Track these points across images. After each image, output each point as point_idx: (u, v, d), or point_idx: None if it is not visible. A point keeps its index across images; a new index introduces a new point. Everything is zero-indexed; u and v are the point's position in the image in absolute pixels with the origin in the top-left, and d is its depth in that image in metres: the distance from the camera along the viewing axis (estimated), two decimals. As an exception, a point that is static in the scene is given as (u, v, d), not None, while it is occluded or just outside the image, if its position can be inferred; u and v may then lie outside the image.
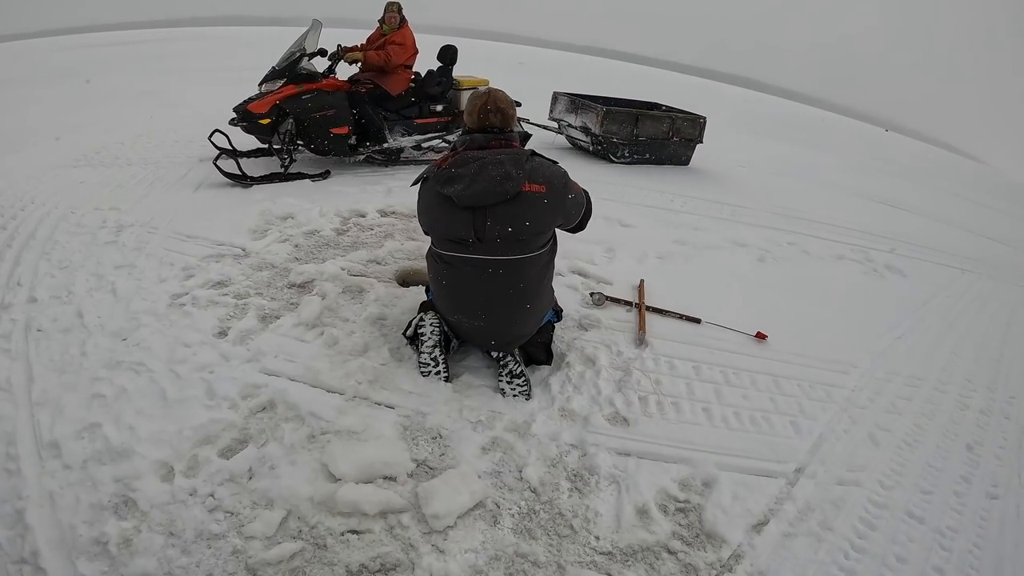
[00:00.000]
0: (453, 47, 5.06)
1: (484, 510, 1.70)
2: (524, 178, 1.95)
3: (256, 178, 4.16)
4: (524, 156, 2.00)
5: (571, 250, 3.47)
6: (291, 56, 4.20)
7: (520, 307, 2.15)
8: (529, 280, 2.12)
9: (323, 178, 4.44)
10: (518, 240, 2.01)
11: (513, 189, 1.93)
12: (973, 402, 2.70)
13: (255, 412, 1.96)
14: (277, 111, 4.12)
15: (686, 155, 6.83)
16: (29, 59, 11.51)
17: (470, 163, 1.97)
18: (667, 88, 16.10)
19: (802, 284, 3.73)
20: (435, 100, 5.01)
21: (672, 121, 6.49)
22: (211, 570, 1.44)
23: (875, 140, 17.26)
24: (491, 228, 1.97)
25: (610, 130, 6.11)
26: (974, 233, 6.48)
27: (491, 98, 2.06)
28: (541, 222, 2.03)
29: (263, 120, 4.07)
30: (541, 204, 2.00)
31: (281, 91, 4.13)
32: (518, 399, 2.16)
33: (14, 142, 4.91)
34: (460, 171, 1.97)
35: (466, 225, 1.98)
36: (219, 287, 2.72)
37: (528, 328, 2.25)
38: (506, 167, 1.94)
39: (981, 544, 1.86)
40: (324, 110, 4.27)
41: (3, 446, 1.73)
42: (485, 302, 2.11)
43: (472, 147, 2.03)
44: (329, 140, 4.42)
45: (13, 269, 2.75)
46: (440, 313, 2.26)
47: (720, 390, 2.41)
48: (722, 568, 1.63)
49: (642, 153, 6.45)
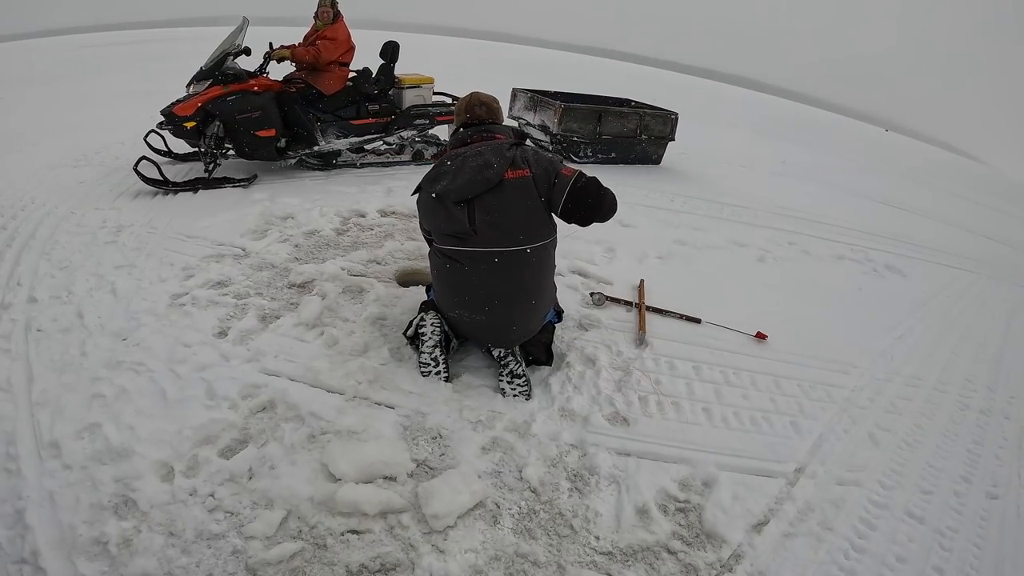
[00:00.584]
0: (394, 43, 4.79)
1: (484, 510, 1.70)
2: (506, 166, 2.02)
3: (178, 184, 3.94)
4: (506, 146, 2.08)
5: (571, 250, 3.47)
6: (217, 56, 4.01)
7: (521, 301, 2.15)
8: (529, 273, 2.12)
9: (249, 183, 4.18)
10: (512, 228, 2.04)
11: (495, 177, 2.00)
12: (973, 402, 2.70)
13: (255, 412, 1.96)
14: (202, 113, 3.92)
15: (657, 154, 6.48)
16: (29, 59, 11.51)
17: (454, 159, 2.09)
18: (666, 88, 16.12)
19: (802, 284, 3.73)
20: (373, 100, 4.74)
21: (640, 118, 6.14)
22: (211, 570, 1.44)
23: (875, 140, 17.26)
24: (481, 218, 2.02)
25: (570, 128, 5.78)
26: (974, 233, 6.49)
27: (476, 94, 2.24)
28: (530, 207, 2.06)
29: (187, 123, 3.88)
30: (527, 188, 2.04)
31: (207, 92, 3.93)
32: (518, 399, 2.16)
33: (14, 142, 4.91)
34: (443, 169, 2.08)
35: (460, 219, 2.04)
36: (219, 287, 2.72)
37: (531, 325, 2.25)
38: (485, 156, 2.03)
39: (981, 544, 1.86)
40: (249, 112, 4.04)
41: (3, 446, 1.73)
42: (486, 295, 2.11)
43: (457, 145, 2.17)
44: (254, 143, 4.17)
45: (13, 269, 2.75)
46: (441, 310, 2.26)
47: (720, 390, 2.41)
48: (722, 568, 1.63)
49: (607, 152, 6.13)
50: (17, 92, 7.51)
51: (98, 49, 13.78)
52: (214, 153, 4.06)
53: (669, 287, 3.22)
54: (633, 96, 7.88)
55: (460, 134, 2.19)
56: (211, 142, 4.02)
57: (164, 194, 3.83)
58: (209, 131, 4.00)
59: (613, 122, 6.02)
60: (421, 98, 4.92)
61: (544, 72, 16.46)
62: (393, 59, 4.76)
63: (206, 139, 4.01)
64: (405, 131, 4.89)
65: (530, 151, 2.14)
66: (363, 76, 4.68)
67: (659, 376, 2.43)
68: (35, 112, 6.26)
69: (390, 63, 4.76)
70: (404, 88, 4.86)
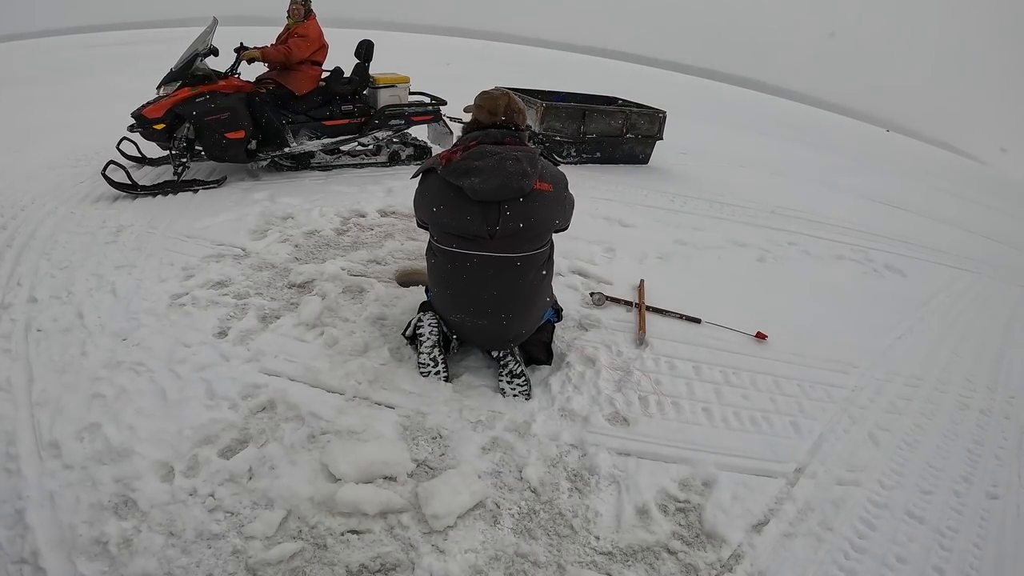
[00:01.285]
0: (369, 42, 4.69)
1: (484, 510, 1.70)
2: (536, 176, 2.00)
3: (146, 187, 3.88)
4: (536, 155, 2.06)
5: (571, 250, 3.47)
6: (186, 57, 3.94)
7: (521, 306, 2.16)
8: (531, 279, 2.13)
9: (218, 185, 4.12)
10: (527, 237, 2.05)
11: (528, 187, 1.98)
12: (973, 402, 2.70)
13: (255, 412, 1.95)
14: (172, 115, 3.85)
15: (644, 153, 6.36)
16: (29, 59, 11.51)
17: (488, 156, 1.96)
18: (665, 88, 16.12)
19: (802, 284, 3.73)
20: (347, 100, 4.64)
21: (626, 116, 6.01)
22: (211, 570, 1.44)
23: (875, 140, 17.26)
24: (504, 224, 1.98)
25: (552, 127, 5.64)
26: (974, 233, 6.49)
27: (512, 99, 2.11)
28: (548, 220, 2.10)
29: (157, 125, 3.81)
30: (548, 202, 2.06)
31: (176, 94, 3.86)
32: (518, 399, 2.16)
33: (14, 142, 4.91)
34: (478, 164, 1.95)
35: (479, 220, 1.98)
36: (219, 287, 2.72)
37: (528, 326, 2.25)
38: (523, 164, 1.97)
39: (981, 544, 1.86)
40: (217, 113, 3.95)
41: (3, 446, 1.73)
42: (489, 300, 2.11)
43: (487, 141, 2.02)
44: (224, 145, 4.07)
45: (13, 269, 2.75)
46: (439, 312, 2.26)
47: (720, 390, 2.41)
48: (722, 568, 1.63)
49: (591, 152, 6.00)
50: (17, 92, 7.52)
51: (97, 49, 13.78)
52: (184, 156, 4.00)
53: (669, 287, 3.22)
54: (637, 98, 7.83)
55: (494, 133, 2.03)
56: (181, 144, 3.97)
57: (133, 198, 3.78)
58: (179, 133, 3.96)
59: (598, 121, 5.88)
60: (397, 98, 4.83)
61: (543, 73, 16.46)
62: (368, 58, 4.67)
63: (176, 141, 3.96)
64: (380, 132, 4.82)
65: (548, 165, 2.13)
66: (335, 76, 4.61)
67: (659, 376, 2.43)
68: (34, 112, 6.26)
69: (364, 62, 4.67)
70: (379, 88, 4.75)
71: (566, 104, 5.92)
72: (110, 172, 3.75)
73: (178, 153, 3.99)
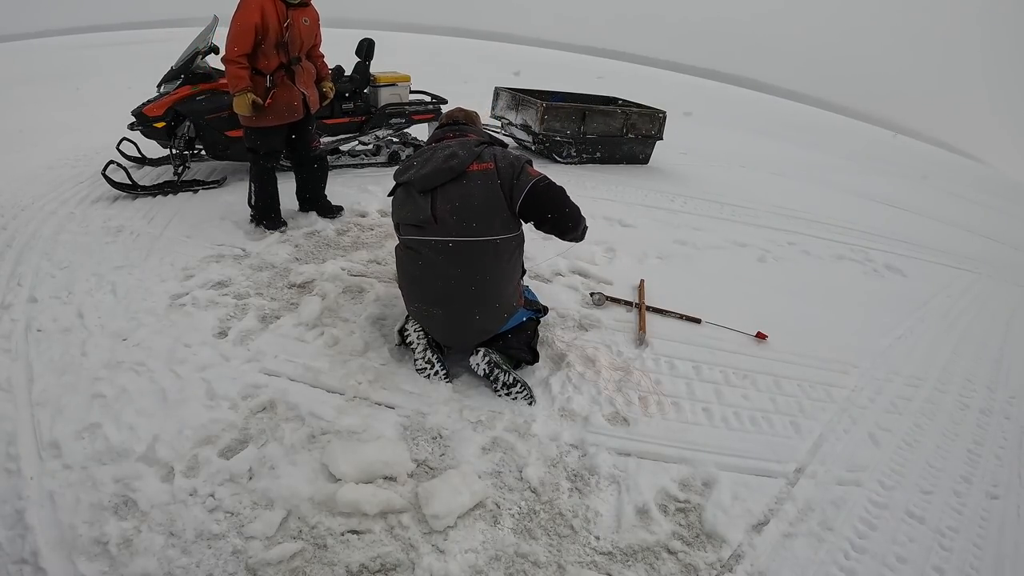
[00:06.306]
0: (370, 40, 4.66)
1: (484, 510, 1.70)
2: (472, 158, 2.11)
3: (146, 187, 3.87)
4: (474, 142, 2.19)
5: (571, 250, 3.46)
6: (187, 55, 3.89)
7: (477, 298, 2.13)
8: (485, 266, 2.11)
9: (218, 185, 4.09)
10: (471, 218, 2.06)
11: (459, 166, 2.08)
12: (973, 402, 2.70)
13: (255, 412, 1.96)
14: (172, 114, 3.83)
15: (644, 153, 6.35)
16: (29, 59, 11.51)
17: (425, 152, 2.22)
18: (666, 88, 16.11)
19: (802, 284, 3.73)
20: (347, 98, 4.63)
21: (626, 117, 6.00)
22: (211, 570, 1.44)
23: (874, 140, 17.25)
24: (441, 205, 2.08)
25: (552, 127, 5.63)
26: (974, 233, 6.49)
27: (461, 109, 2.47)
28: (490, 200, 2.09)
29: (157, 123, 3.79)
30: (489, 180, 2.10)
31: (177, 92, 3.82)
32: (521, 404, 2.15)
33: (15, 142, 4.92)
34: (412, 161, 2.22)
35: (423, 206, 2.11)
36: (219, 287, 2.72)
37: (488, 325, 2.20)
38: (452, 148, 2.14)
39: (981, 544, 1.86)
40: (218, 111, 3.87)
41: (3, 446, 1.73)
42: (442, 287, 2.12)
43: (433, 140, 2.32)
44: (224, 144, 4.01)
45: (14, 269, 2.75)
46: (407, 308, 2.31)
47: (720, 390, 2.41)
48: (722, 568, 1.63)
49: (591, 152, 5.98)
50: (16, 92, 7.52)
51: (97, 49, 13.77)
52: (184, 155, 3.99)
53: (669, 287, 3.22)
54: (637, 98, 7.82)
55: (435, 133, 2.35)
56: (181, 143, 3.95)
57: (133, 198, 3.77)
58: (179, 132, 3.93)
59: (598, 121, 5.88)
60: (397, 96, 4.82)
61: (543, 72, 16.46)
62: (368, 56, 4.65)
63: (176, 140, 3.94)
64: (380, 130, 4.81)
65: (499, 150, 2.21)
66: (336, 74, 4.55)
67: (659, 376, 2.44)
68: (34, 112, 6.26)
69: (365, 60, 4.66)
70: (379, 86, 4.74)
71: (566, 104, 5.91)
72: (110, 172, 3.76)
73: (178, 152, 3.98)
